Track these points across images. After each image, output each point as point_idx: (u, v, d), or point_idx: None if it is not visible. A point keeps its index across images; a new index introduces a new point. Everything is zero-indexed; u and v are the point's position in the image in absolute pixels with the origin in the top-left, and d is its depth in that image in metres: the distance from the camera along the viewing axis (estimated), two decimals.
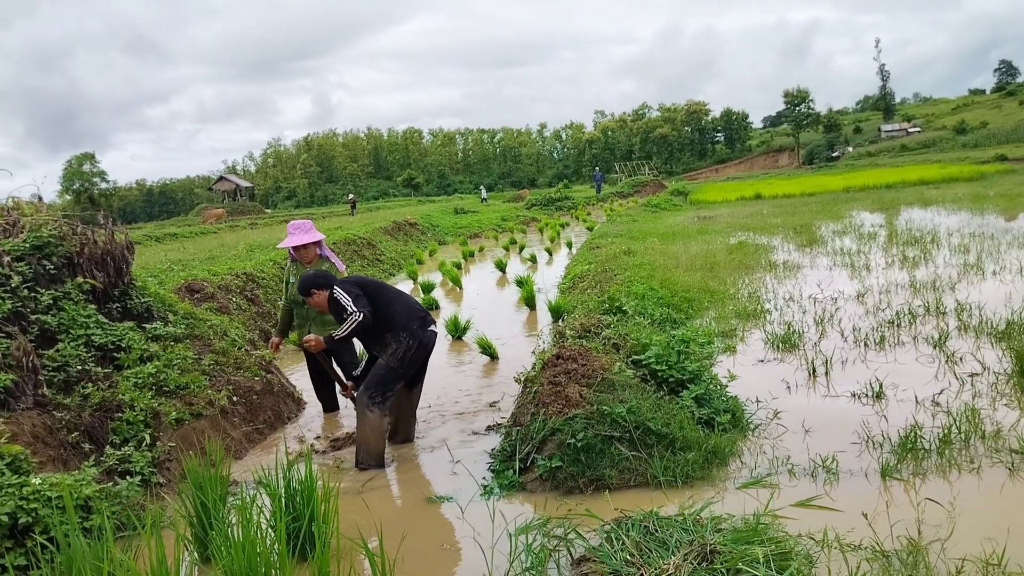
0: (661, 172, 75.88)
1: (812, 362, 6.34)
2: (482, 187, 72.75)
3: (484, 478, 4.75)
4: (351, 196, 59.05)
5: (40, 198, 6.94)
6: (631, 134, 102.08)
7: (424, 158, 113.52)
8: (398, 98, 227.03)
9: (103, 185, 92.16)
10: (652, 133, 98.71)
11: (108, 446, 4.97)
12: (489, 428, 5.78)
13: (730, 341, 7.54)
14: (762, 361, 6.86)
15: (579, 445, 4.39)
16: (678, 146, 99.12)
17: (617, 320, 6.84)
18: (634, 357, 5.57)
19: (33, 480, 4.11)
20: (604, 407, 4.59)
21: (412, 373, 5.40)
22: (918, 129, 79.19)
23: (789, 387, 5.99)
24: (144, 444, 5.14)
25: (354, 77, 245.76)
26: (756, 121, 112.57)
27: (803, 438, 4.88)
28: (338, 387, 6.22)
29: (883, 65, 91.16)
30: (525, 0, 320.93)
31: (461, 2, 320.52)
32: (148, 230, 45.37)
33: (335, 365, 6.18)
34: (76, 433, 4.90)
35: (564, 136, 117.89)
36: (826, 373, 6.19)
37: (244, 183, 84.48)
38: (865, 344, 6.95)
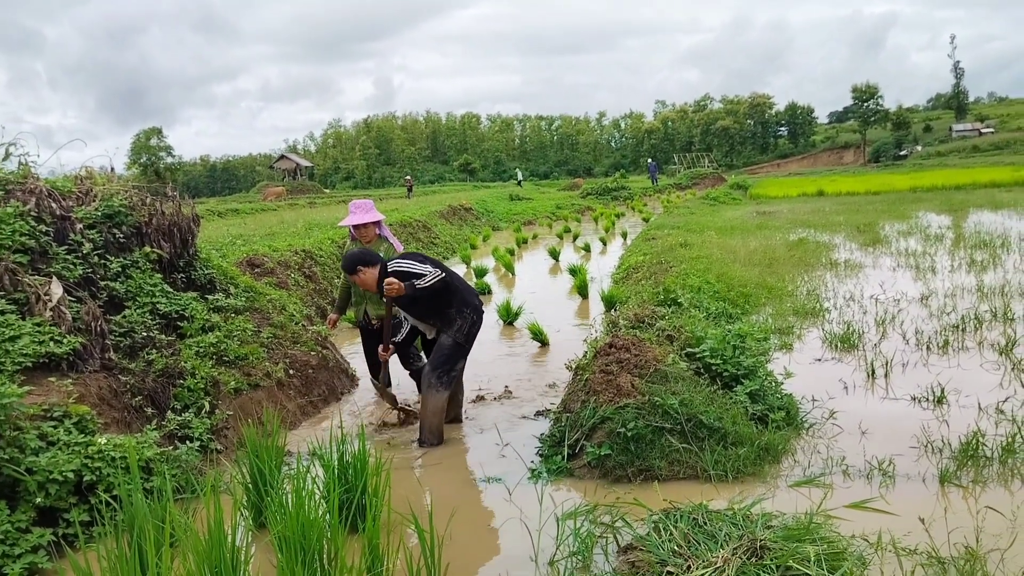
0: (721, 165, 74.80)
1: (871, 363, 6.20)
2: (518, 171, 73.38)
3: (532, 462, 4.77)
4: (408, 178, 59.59)
5: (112, 169, 7.16)
6: (692, 125, 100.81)
7: (481, 143, 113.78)
8: (458, 82, 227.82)
9: (169, 159, 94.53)
10: (713, 125, 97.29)
11: (169, 411, 5.13)
12: (538, 413, 5.80)
13: (787, 338, 7.41)
14: (819, 360, 6.73)
15: (629, 435, 4.38)
16: (739, 139, 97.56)
17: (672, 312, 6.77)
18: (688, 350, 5.51)
19: (99, 440, 4.28)
20: (656, 398, 4.57)
21: (469, 350, 5.48)
22: (991, 130, 76.37)
23: (846, 387, 5.87)
24: (203, 411, 5.29)
25: (416, 60, 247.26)
26: (821, 116, 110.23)
27: (859, 439, 4.78)
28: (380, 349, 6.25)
29: (957, 62, 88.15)
30: None
31: None
32: (211, 205, 46.43)
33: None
34: (139, 397, 5.07)
35: (623, 125, 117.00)
36: (885, 375, 6.05)
37: (304, 162, 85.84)
38: (928, 347, 6.76)
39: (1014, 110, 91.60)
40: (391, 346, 5.84)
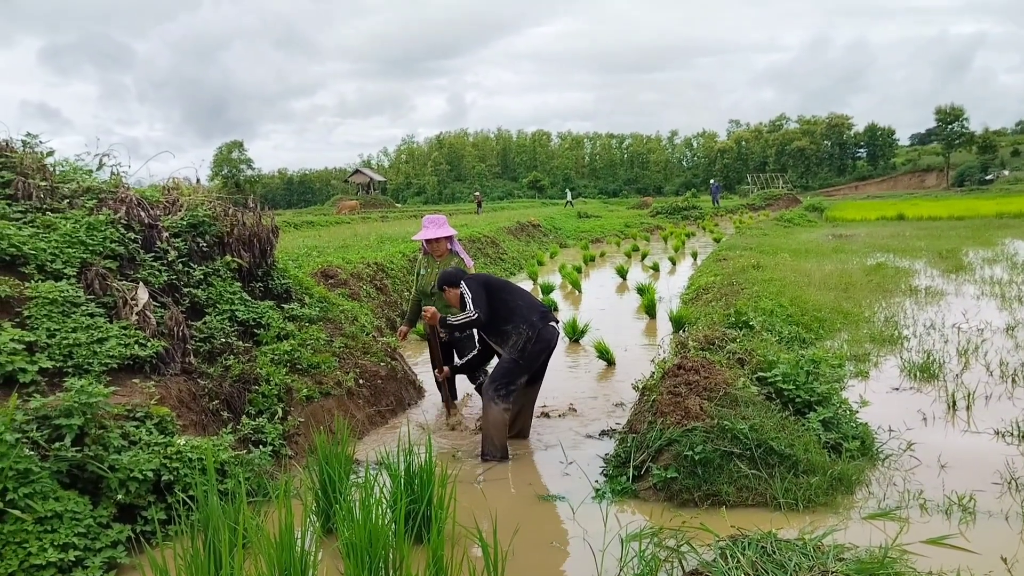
0: (796, 186, 73.28)
1: (953, 395, 5.97)
2: (568, 191, 71.38)
3: (597, 481, 4.75)
4: (477, 194, 60.12)
5: (198, 180, 7.45)
6: (766, 145, 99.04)
7: (551, 160, 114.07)
8: (530, 99, 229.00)
9: (249, 172, 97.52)
10: (789, 145, 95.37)
11: (244, 416, 5.29)
12: (603, 433, 5.77)
13: (862, 366, 7.20)
14: (896, 389, 6.51)
15: (697, 458, 4.32)
16: (816, 160, 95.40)
17: (743, 335, 6.66)
18: (760, 374, 5.41)
19: (178, 441, 4.43)
20: (725, 422, 4.49)
21: (535, 367, 5.48)
22: None
23: (925, 419, 5.66)
24: (276, 417, 5.44)
25: (489, 77, 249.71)
26: (903, 138, 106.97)
27: (938, 473, 4.60)
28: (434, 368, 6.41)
29: None
30: (666, 5, 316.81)
31: (600, 5, 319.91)
32: (287, 217, 47.69)
33: (450, 353, 6.51)
34: (216, 401, 5.24)
35: (695, 144, 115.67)
36: (967, 407, 5.82)
37: (378, 177, 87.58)
38: (1013, 380, 6.47)
39: None
40: (445, 368, 5.97)
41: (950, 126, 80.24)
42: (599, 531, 3.85)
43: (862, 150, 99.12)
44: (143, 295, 5.40)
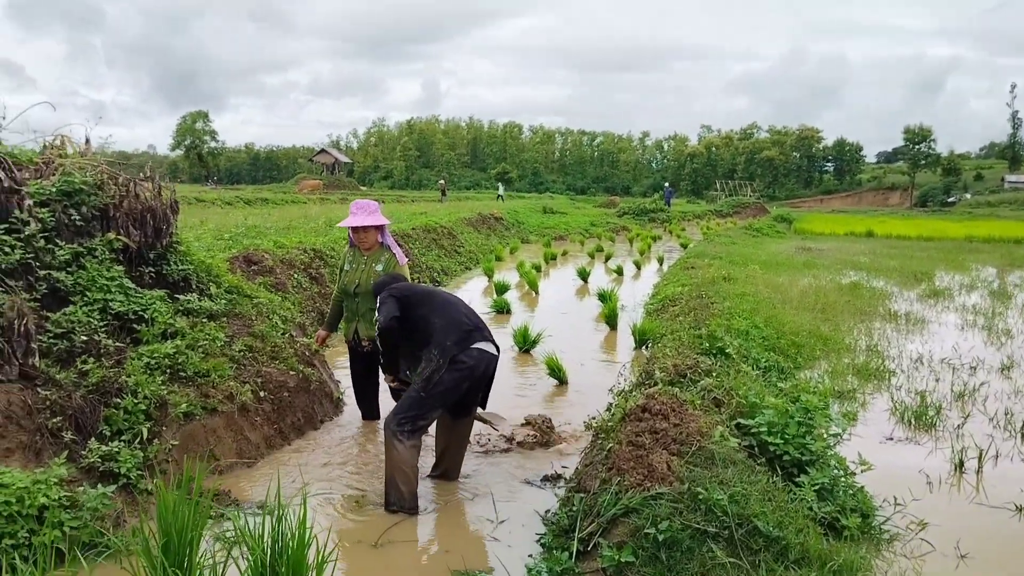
0: (763, 196, 73.09)
1: (959, 453, 5.07)
2: (499, 183, 66.53)
3: (531, 555, 3.74)
4: (441, 182, 58.76)
5: (87, 140, 6.24)
6: (736, 153, 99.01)
7: (520, 153, 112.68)
8: (504, 91, 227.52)
9: (212, 144, 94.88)
10: (758, 154, 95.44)
11: (94, 438, 4.18)
12: (546, 479, 4.75)
13: (849, 405, 6.31)
14: (890, 439, 5.63)
15: (661, 538, 3.33)
16: (783, 171, 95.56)
17: (719, 365, 5.70)
18: (740, 420, 4.46)
19: None
20: (699, 489, 3.52)
21: (451, 399, 4.38)
22: None
23: (930, 483, 4.76)
24: (139, 439, 4.34)
25: (466, 66, 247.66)
26: (870, 155, 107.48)
27: (956, 565, 3.69)
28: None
29: (1016, 112, 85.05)
30: (645, 6, 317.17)
31: (580, 1, 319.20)
32: (245, 193, 46.10)
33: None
34: (59, 418, 4.12)
35: (666, 147, 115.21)
36: (978, 470, 4.93)
37: (343, 158, 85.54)
38: (1022, 435, 5.63)
39: None
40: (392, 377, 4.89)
41: (917, 146, 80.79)
42: None
43: (830, 164, 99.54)
44: None
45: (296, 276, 9.43)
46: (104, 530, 3.58)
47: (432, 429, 4.70)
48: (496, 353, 4.54)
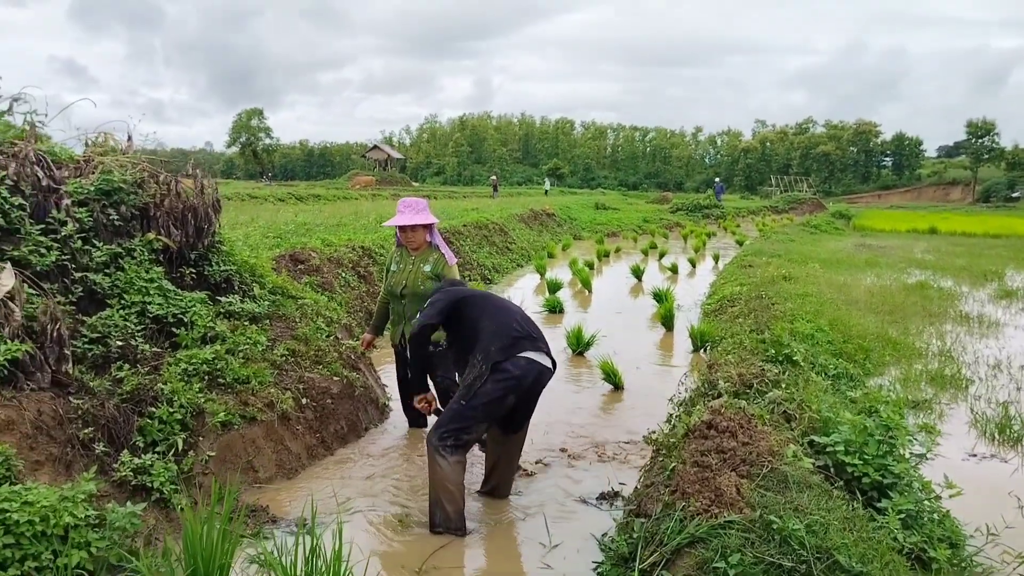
0: (819, 191, 71.29)
1: None
2: (547, 179, 68.44)
3: None
4: (493, 177, 58.55)
5: (129, 137, 6.11)
6: (791, 148, 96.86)
7: (572, 149, 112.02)
8: (556, 87, 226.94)
9: (267, 141, 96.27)
10: (814, 149, 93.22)
11: (126, 449, 3.99)
12: (602, 497, 4.42)
13: (925, 416, 5.85)
14: (973, 455, 5.17)
15: (732, 573, 2.98)
16: (840, 166, 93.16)
17: (785, 373, 5.29)
18: (812, 438, 4.07)
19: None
20: (772, 517, 3.16)
21: (498, 413, 4.04)
22: None
23: (1022, 507, 4.30)
24: (174, 451, 4.14)
25: (518, 62, 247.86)
26: (930, 150, 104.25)
27: None
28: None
29: None
30: (699, 1, 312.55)
31: None
32: (298, 189, 46.49)
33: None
34: (91, 428, 3.94)
35: (719, 142, 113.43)
36: None
37: (396, 154, 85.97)
38: None
39: None
40: (426, 396, 4.57)
41: (980, 140, 77.99)
42: None
43: (888, 159, 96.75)
44: (8, 280, 4.10)
45: (344, 275, 9.25)
46: (134, 550, 3.38)
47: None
48: (550, 367, 4.18)
